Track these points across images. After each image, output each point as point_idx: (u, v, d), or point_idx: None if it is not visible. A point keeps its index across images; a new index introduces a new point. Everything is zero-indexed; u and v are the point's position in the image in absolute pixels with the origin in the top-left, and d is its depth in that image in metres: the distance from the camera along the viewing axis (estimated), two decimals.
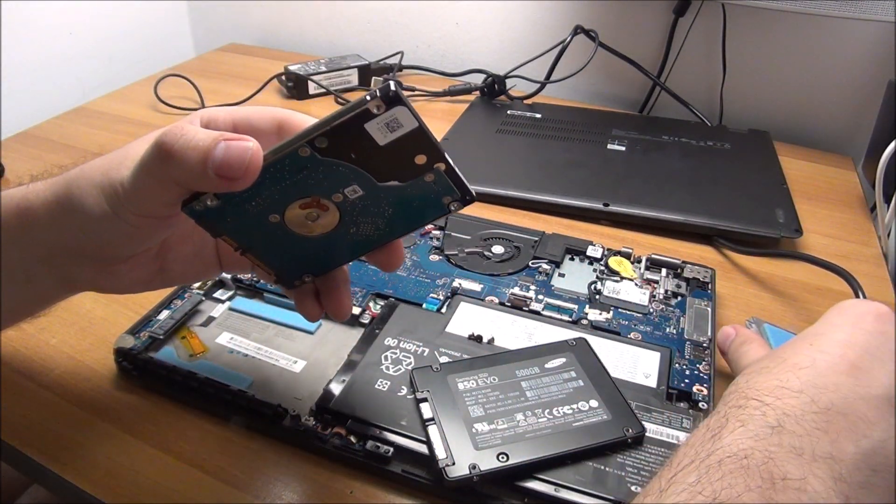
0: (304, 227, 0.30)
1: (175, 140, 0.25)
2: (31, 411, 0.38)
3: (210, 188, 0.26)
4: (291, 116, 0.31)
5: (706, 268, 0.49)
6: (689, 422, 0.37)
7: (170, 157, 0.25)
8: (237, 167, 0.25)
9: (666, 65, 0.82)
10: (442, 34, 0.95)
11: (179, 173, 0.25)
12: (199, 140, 0.25)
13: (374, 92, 0.25)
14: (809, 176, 0.70)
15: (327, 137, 0.26)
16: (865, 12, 0.63)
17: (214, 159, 0.25)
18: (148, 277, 0.33)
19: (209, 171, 0.25)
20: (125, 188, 0.27)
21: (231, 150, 0.25)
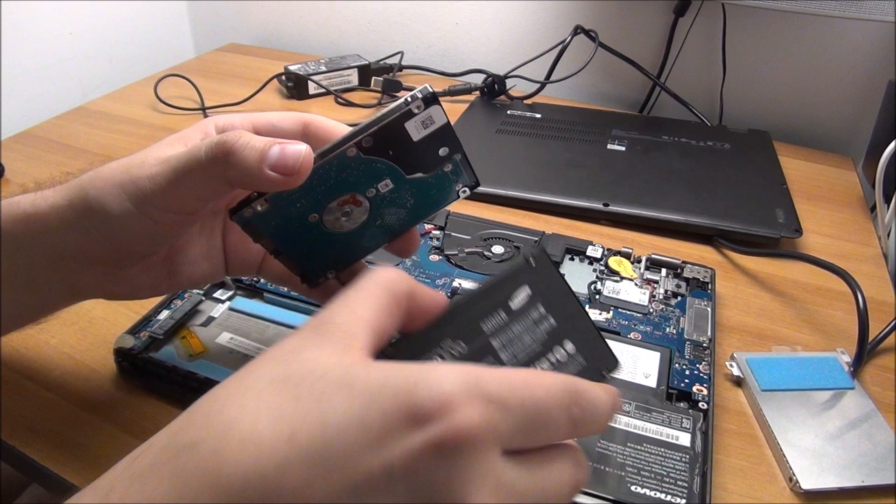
0: (337, 223, 0.32)
1: (236, 139, 0.27)
2: (31, 411, 0.38)
3: (262, 186, 0.28)
4: (315, 119, 0.33)
5: (706, 268, 0.49)
6: (689, 422, 0.37)
7: (230, 154, 0.27)
8: (291, 165, 0.27)
9: (666, 65, 0.82)
10: (442, 34, 0.95)
11: (235, 171, 0.27)
12: (257, 141, 0.27)
13: (415, 94, 0.29)
14: (809, 176, 0.70)
15: (373, 137, 0.29)
16: (865, 12, 0.63)
17: (270, 158, 0.27)
18: (156, 282, 0.33)
19: (265, 169, 0.27)
20: (155, 183, 0.28)
21: (286, 151, 0.27)
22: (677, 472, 0.34)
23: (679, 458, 0.34)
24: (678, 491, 0.33)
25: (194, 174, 0.28)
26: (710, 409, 0.38)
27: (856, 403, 0.40)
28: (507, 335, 0.26)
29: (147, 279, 0.33)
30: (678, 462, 0.34)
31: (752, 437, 0.39)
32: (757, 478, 0.36)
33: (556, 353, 0.26)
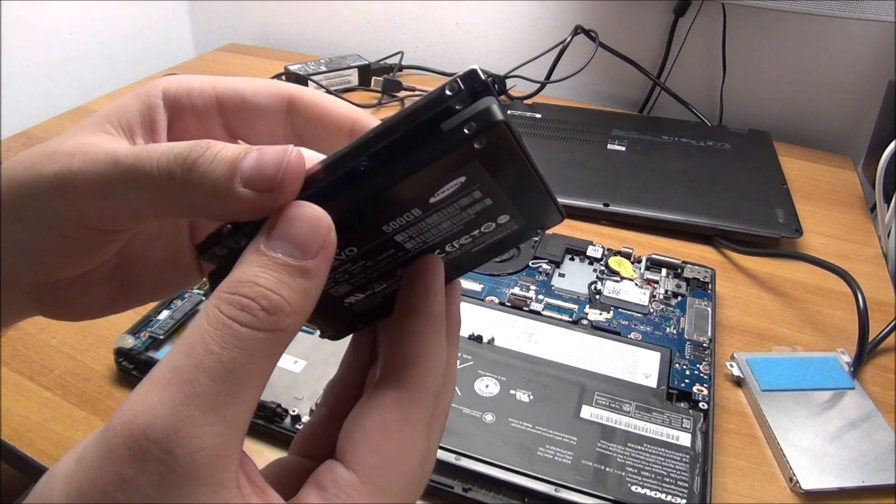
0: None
1: (201, 152, 0.19)
2: (31, 411, 0.38)
3: (237, 213, 0.19)
4: (305, 94, 0.24)
5: (706, 268, 0.49)
6: (690, 422, 0.37)
7: (189, 173, 0.19)
8: (271, 174, 0.18)
9: (666, 65, 0.82)
10: (442, 34, 0.95)
11: (197, 195, 0.19)
12: (228, 150, 0.19)
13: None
14: (809, 176, 0.70)
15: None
16: (865, 12, 0.63)
17: (244, 170, 0.18)
18: (108, 300, 0.25)
19: (236, 186, 0.18)
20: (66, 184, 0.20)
21: (266, 155, 0.19)
22: (678, 473, 0.34)
23: (679, 458, 0.34)
24: (678, 491, 0.33)
25: (135, 192, 0.19)
26: (710, 410, 0.38)
27: (856, 403, 0.40)
28: (417, 228, 0.20)
29: (94, 299, 0.25)
30: (678, 462, 0.34)
31: (753, 438, 0.39)
32: (757, 478, 0.36)
33: (483, 228, 0.21)
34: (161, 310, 0.43)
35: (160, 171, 0.19)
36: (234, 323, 0.17)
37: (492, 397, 0.38)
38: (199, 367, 0.16)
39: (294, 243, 0.18)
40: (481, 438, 0.35)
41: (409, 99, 0.84)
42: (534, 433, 0.35)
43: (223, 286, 0.17)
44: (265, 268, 0.18)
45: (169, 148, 0.19)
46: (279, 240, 0.18)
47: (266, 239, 0.18)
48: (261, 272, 0.17)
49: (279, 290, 0.17)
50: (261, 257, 0.18)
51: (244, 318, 0.17)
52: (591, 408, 0.37)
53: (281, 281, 0.17)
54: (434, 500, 0.34)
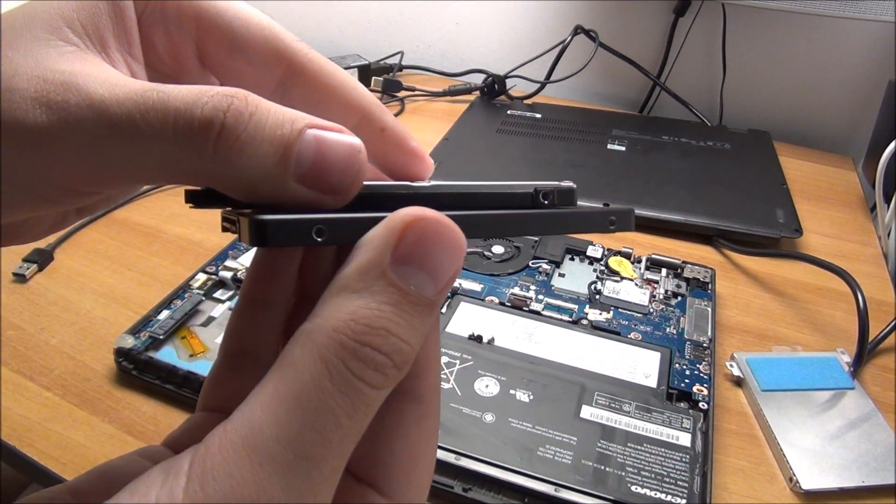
0: None
1: (238, 115, 0.14)
2: (31, 411, 0.38)
3: (279, 202, 0.15)
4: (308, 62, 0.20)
5: (706, 268, 0.49)
6: (690, 422, 0.37)
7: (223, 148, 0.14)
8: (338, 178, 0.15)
9: (666, 65, 0.82)
10: (442, 34, 0.95)
11: (229, 175, 0.15)
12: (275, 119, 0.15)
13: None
14: (809, 176, 0.70)
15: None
16: (865, 12, 0.63)
17: (302, 162, 0.15)
18: (57, 220, 0.21)
19: (290, 182, 0.15)
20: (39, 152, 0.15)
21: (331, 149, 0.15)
22: (678, 473, 0.34)
23: (679, 458, 0.34)
24: (678, 491, 0.33)
25: (137, 156, 0.15)
26: (710, 410, 0.38)
27: (856, 403, 0.40)
28: None
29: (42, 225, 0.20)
30: (678, 462, 0.34)
31: (753, 438, 0.39)
32: (757, 478, 0.36)
33: None
34: (161, 310, 0.43)
35: (178, 135, 0.14)
36: (364, 386, 0.13)
37: (492, 397, 0.38)
38: (327, 443, 0.13)
39: (432, 273, 0.14)
40: (481, 438, 0.35)
41: (409, 99, 0.84)
42: (534, 433, 0.35)
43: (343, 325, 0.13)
44: (399, 308, 0.13)
45: (194, 99, 0.14)
46: (416, 267, 0.14)
47: (395, 258, 0.13)
48: (394, 315, 0.13)
49: (410, 339, 0.14)
50: (391, 290, 0.13)
51: (376, 380, 0.13)
52: (591, 408, 0.37)
53: (412, 326, 0.14)
54: (434, 500, 0.34)
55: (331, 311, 0.13)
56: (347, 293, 0.13)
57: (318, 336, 0.13)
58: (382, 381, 0.13)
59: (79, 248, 0.53)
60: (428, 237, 0.14)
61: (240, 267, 0.47)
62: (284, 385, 0.13)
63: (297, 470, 0.12)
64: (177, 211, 0.58)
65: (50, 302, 0.47)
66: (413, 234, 0.14)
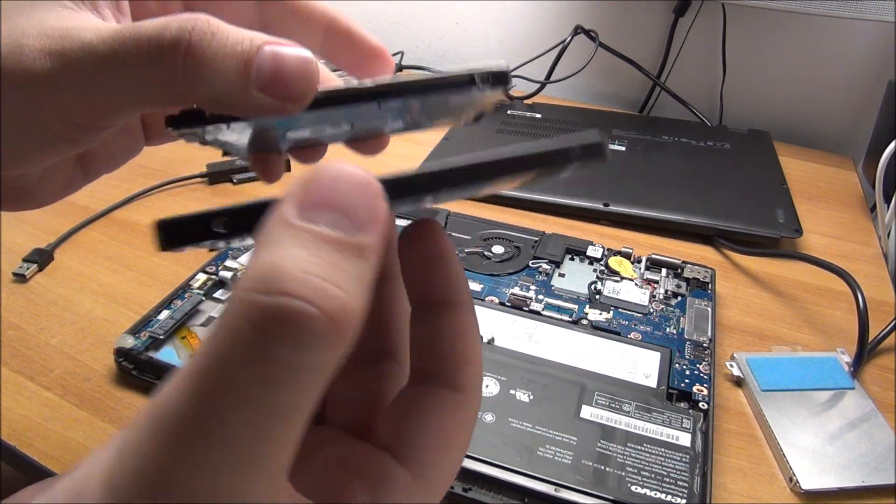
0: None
1: (202, 34, 0.17)
2: (31, 411, 0.38)
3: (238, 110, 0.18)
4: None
5: (706, 268, 0.49)
6: (690, 422, 0.37)
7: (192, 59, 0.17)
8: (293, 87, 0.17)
9: (666, 65, 0.82)
10: (442, 34, 0.95)
11: (199, 89, 0.17)
12: (235, 37, 0.17)
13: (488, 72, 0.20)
14: (809, 176, 0.70)
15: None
16: (865, 12, 0.63)
17: (261, 71, 0.17)
18: (66, 182, 0.24)
19: (251, 90, 0.17)
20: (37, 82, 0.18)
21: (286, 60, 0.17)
22: (677, 473, 0.34)
23: (679, 458, 0.34)
24: (678, 491, 0.33)
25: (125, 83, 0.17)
26: (710, 410, 0.38)
27: (856, 403, 0.40)
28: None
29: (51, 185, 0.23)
30: (678, 462, 0.34)
31: (753, 438, 0.39)
32: (757, 478, 0.36)
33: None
34: (161, 310, 0.43)
35: (152, 57, 0.17)
36: (277, 348, 0.11)
37: (492, 397, 0.38)
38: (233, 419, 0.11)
39: (342, 211, 0.13)
40: (481, 438, 0.35)
41: None
42: (534, 433, 0.35)
43: (250, 277, 0.11)
44: (308, 247, 0.12)
45: (163, 26, 0.16)
46: (321, 208, 0.13)
47: (299, 207, 0.13)
48: (310, 256, 0.12)
49: (340, 281, 0.12)
50: (297, 232, 0.12)
51: (291, 337, 0.11)
52: (591, 408, 0.37)
53: (339, 268, 0.12)
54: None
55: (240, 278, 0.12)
56: (254, 255, 0.12)
57: (228, 304, 0.11)
58: (306, 339, 0.11)
59: (79, 248, 0.53)
60: (325, 178, 0.13)
61: (240, 267, 0.47)
62: (197, 358, 0.12)
63: (204, 456, 0.11)
64: (177, 211, 0.58)
65: (50, 302, 0.47)
66: (311, 182, 0.13)
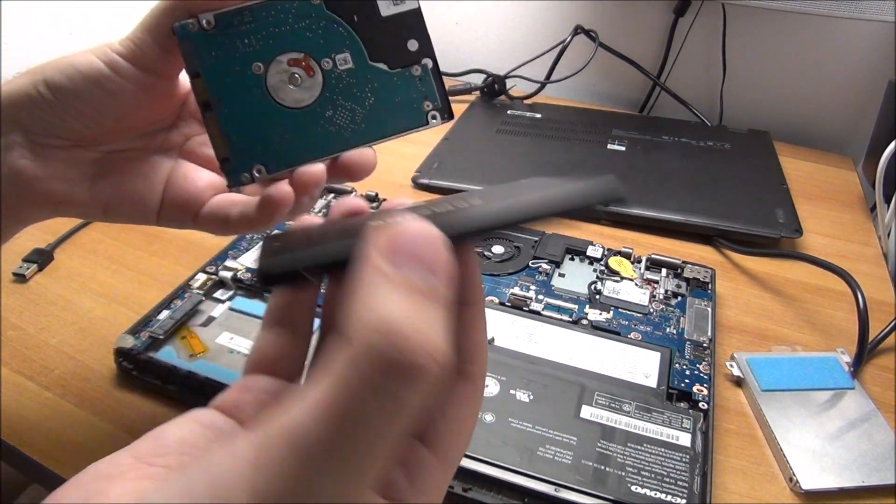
0: (283, 90, 0.28)
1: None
2: (31, 411, 0.38)
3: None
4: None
5: (706, 268, 0.49)
6: (690, 422, 0.37)
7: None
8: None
9: (666, 65, 0.82)
10: (442, 34, 0.95)
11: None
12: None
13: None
14: (809, 176, 0.70)
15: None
16: (865, 12, 0.63)
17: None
18: (79, 178, 0.30)
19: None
20: (122, 45, 0.28)
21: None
22: (678, 473, 0.34)
23: (679, 458, 0.34)
24: (678, 491, 0.33)
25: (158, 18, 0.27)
26: (710, 410, 0.38)
27: (856, 403, 0.40)
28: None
29: (73, 171, 0.30)
30: (678, 462, 0.34)
31: (753, 438, 0.39)
32: (757, 478, 0.36)
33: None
34: (161, 310, 0.43)
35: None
36: (400, 390, 0.14)
37: (492, 397, 0.38)
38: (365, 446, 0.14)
39: (426, 265, 0.15)
40: (481, 438, 0.35)
41: None
42: (534, 433, 0.35)
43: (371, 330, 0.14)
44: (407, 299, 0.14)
45: None
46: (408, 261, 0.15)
47: (390, 259, 0.15)
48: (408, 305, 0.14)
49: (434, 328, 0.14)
50: (395, 284, 0.15)
51: (411, 382, 0.14)
52: (591, 408, 0.37)
53: (429, 314, 0.14)
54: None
55: (356, 321, 0.14)
56: (361, 298, 0.15)
57: (353, 350, 0.14)
58: (422, 384, 0.14)
59: (79, 248, 0.53)
60: (405, 233, 0.15)
61: (240, 267, 0.47)
62: (326, 395, 0.14)
63: (340, 473, 0.14)
64: None
65: (50, 302, 0.47)
66: (391, 235, 0.15)
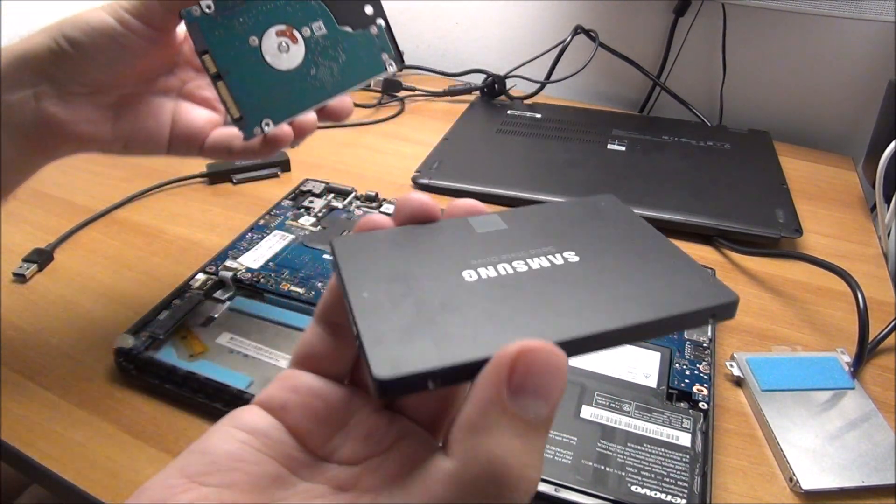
0: (276, 57, 0.35)
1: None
2: (31, 411, 0.38)
3: None
4: None
5: (706, 268, 0.49)
6: (690, 422, 0.37)
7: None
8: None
9: (666, 65, 0.82)
10: (442, 34, 0.95)
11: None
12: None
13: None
14: (809, 176, 0.70)
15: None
16: (865, 12, 0.63)
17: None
18: (101, 119, 0.36)
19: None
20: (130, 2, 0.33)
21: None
22: (678, 473, 0.34)
23: (679, 458, 0.34)
24: (678, 491, 0.33)
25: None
26: (710, 410, 0.38)
27: (856, 403, 0.40)
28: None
29: (96, 114, 0.36)
30: (678, 462, 0.34)
31: (753, 438, 0.39)
32: (757, 478, 0.36)
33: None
34: (161, 310, 0.43)
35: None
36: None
37: None
38: None
39: (545, 397, 0.16)
40: None
41: (410, 99, 0.84)
42: None
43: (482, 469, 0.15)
44: (524, 439, 0.15)
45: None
46: (530, 395, 0.16)
47: (513, 391, 0.15)
48: (519, 444, 0.15)
49: (536, 463, 0.16)
50: (515, 423, 0.15)
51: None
52: (591, 408, 0.37)
53: (536, 450, 0.16)
54: None
55: (470, 452, 0.15)
56: (477, 432, 0.15)
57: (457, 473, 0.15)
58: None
59: (79, 248, 0.53)
60: (535, 366, 0.15)
61: (240, 267, 0.47)
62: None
63: None
64: (177, 211, 0.58)
65: (50, 302, 0.47)
66: (522, 365, 0.15)
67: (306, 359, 0.22)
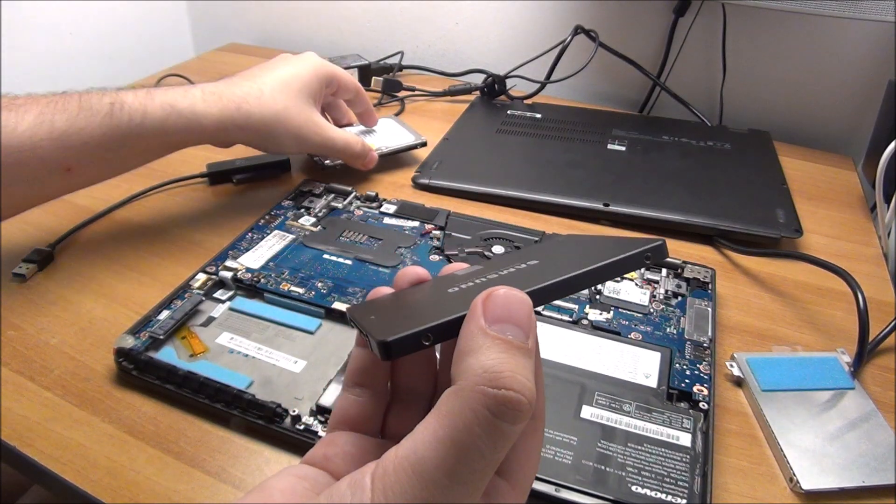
0: None
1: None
2: (31, 411, 0.38)
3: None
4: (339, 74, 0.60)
5: (706, 268, 0.49)
6: (690, 422, 0.37)
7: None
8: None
9: (666, 65, 0.82)
10: (442, 34, 0.95)
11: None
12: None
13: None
14: (809, 176, 0.70)
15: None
16: (865, 12, 0.63)
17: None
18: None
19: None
20: (313, 148, 0.56)
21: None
22: (678, 473, 0.34)
23: (679, 458, 0.34)
24: (679, 491, 0.33)
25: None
26: (710, 410, 0.38)
27: (856, 403, 0.40)
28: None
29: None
30: (679, 462, 0.34)
31: (753, 438, 0.39)
32: (757, 478, 0.36)
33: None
34: (161, 310, 0.43)
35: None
36: (504, 425, 0.18)
37: None
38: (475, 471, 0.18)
39: (517, 323, 0.19)
40: None
41: (410, 99, 0.84)
42: None
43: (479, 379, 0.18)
44: (508, 353, 0.18)
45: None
46: (504, 322, 0.19)
47: (489, 320, 0.19)
48: (508, 359, 0.18)
49: (527, 375, 0.18)
50: (497, 342, 0.19)
51: (513, 417, 0.18)
52: (591, 408, 0.37)
53: (523, 366, 0.18)
54: None
55: (466, 371, 0.18)
56: (469, 354, 0.19)
57: (464, 392, 0.18)
58: (518, 417, 0.18)
59: (79, 248, 0.53)
60: (502, 299, 0.19)
61: (240, 267, 0.47)
62: (444, 429, 0.18)
63: (453, 491, 0.18)
64: (177, 211, 0.58)
65: (50, 302, 0.47)
66: (491, 301, 0.19)
67: (341, 423, 0.25)
